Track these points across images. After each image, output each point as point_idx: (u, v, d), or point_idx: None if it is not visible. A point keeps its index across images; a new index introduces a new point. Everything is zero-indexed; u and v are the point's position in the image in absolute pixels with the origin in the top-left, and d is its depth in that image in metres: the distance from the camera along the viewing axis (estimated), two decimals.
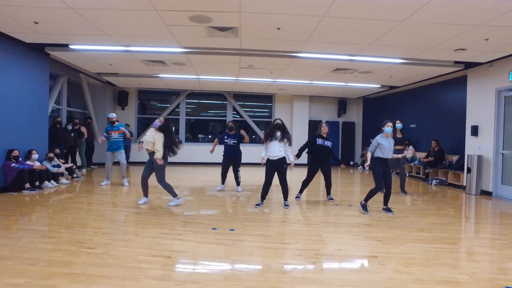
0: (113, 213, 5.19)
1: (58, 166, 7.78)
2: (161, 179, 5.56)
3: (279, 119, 5.89)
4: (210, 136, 14.63)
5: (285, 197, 5.88)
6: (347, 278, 2.98)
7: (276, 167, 5.69)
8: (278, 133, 5.70)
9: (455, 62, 7.67)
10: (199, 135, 14.64)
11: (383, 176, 5.41)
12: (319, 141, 6.27)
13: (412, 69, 8.41)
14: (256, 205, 5.79)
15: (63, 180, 7.72)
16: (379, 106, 13.66)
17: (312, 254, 3.53)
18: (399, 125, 7.34)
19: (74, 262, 3.13)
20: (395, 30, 5.51)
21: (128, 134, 7.99)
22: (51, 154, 7.75)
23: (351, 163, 14.30)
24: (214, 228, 4.37)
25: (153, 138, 5.36)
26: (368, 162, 5.48)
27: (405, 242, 4.01)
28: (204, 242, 3.84)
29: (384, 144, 5.37)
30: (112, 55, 7.81)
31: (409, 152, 10.84)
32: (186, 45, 6.91)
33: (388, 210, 5.48)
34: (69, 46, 6.94)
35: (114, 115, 7.92)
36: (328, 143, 6.26)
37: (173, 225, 4.49)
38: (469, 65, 7.85)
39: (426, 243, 4.01)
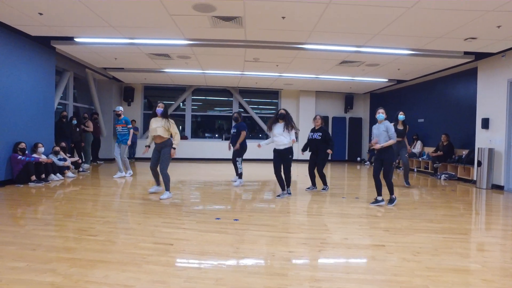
0: (117, 204, 5.16)
1: (64, 159, 7.81)
2: (165, 167, 5.53)
3: (283, 109, 5.98)
4: (216, 136, 14.52)
5: (288, 184, 5.93)
6: (353, 266, 2.89)
7: (281, 157, 5.76)
8: (281, 123, 5.75)
9: (465, 53, 7.48)
10: (206, 134, 14.56)
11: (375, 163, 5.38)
12: (309, 135, 6.57)
13: (420, 61, 8.23)
14: (278, 195, 5.82)
15: (69, 173, 7.74)
16: (387, 102, 13.43)
17: (318, 243, 3.44)
18: (401, 116, 7.20)
19: (75, 248, 3.09)
20: (403, 18, 5.37)
21: (130, 128, 7.96)
22: (57, 148, 7.78)
23: (358, 159, 14.13)
24: (218, 218, 4.31)
25: (164, 125, 5.44)
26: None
27: (414, 232, 3.89)
28: (207, 231, 3.77)
29: (373, 131, 5.45)
30: (117, 48, 7.80)
31: (412, 148, 10.66)
32: (190, 36, 6.85)
33: (389, 201, 5.35)
34: (74, 39, 6.94)
35: (120, 108, 7.98)
36: (316, 136, 6.40)
37: (177, 215, 4.44)
38: (479, 56, 7.65)
39: (435, 233, 3.89)
